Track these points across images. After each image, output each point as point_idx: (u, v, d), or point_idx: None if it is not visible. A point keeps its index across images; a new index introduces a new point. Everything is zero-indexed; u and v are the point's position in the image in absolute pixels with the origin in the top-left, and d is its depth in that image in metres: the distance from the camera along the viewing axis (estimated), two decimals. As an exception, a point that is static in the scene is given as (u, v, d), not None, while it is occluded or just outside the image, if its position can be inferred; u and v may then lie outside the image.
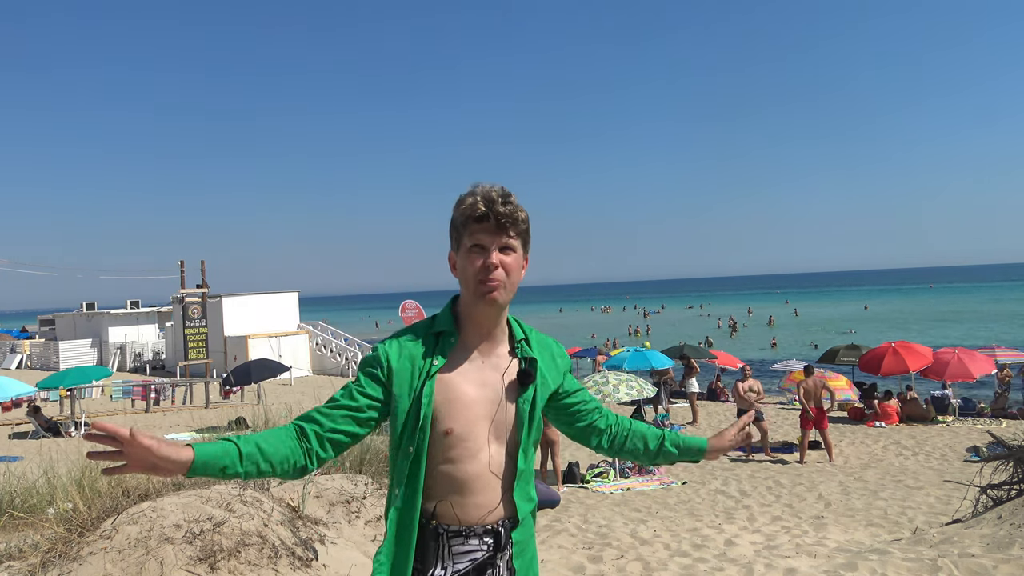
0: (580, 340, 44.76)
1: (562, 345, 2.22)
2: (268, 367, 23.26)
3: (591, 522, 8.84)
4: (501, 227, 1.91)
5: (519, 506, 2.00)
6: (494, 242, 1.91)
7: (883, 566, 5.12)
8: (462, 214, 1.92)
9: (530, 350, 2.06)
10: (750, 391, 14.74)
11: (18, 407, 23.36)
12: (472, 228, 1.91)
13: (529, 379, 2.00)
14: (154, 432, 18.10)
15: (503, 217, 1.90)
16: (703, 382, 23.55)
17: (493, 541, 1.96)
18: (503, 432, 1.98)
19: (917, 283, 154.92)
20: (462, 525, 1.94)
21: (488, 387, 1.98)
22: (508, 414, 1.98)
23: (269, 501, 4.68)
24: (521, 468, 2.00)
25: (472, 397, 1.95)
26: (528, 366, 2.02)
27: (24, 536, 4.72)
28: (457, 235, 1.96)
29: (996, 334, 42.53)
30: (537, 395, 2.03)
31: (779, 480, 12.11)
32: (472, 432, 1.94)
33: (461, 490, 1.94)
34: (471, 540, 1.95)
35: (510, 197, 1.93)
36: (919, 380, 20.32)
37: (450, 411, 1.93)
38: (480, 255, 1.91)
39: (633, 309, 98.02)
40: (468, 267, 1.92)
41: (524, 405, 2.00)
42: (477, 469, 1.95)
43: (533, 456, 2.08)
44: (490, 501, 1.96)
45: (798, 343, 45.51)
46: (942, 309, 74.29)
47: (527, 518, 2.04)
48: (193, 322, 34.59)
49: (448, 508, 1.94)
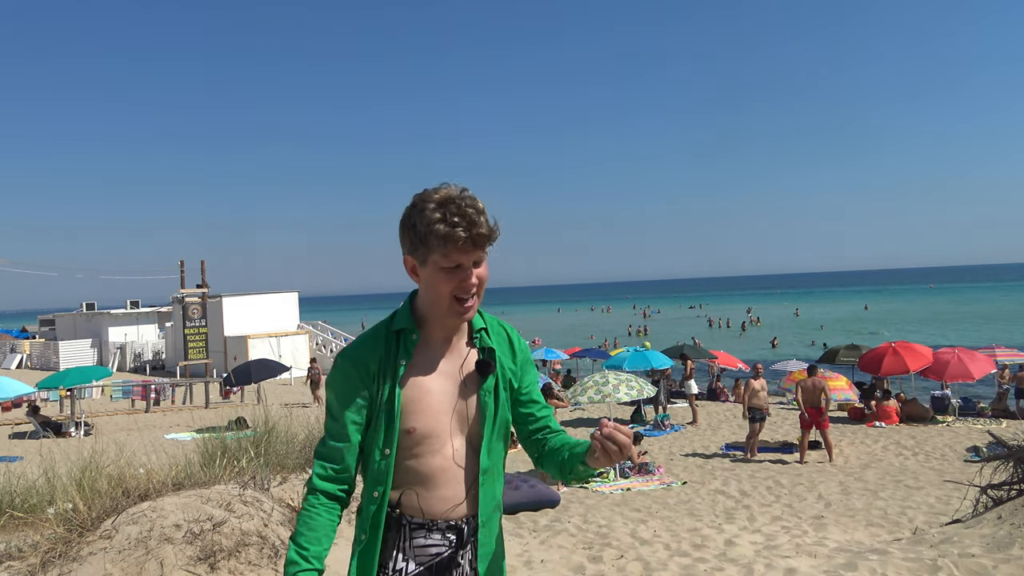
0: (580, 340, 44.74)
1: (523, 339, 2.16)
2: (268, 367, 23.28)
3: (591, 522, 8.84)
4: (479, 247, 1.85)
5: (482, 505, 1.96)
6: (471, 260, 1.86)
7: (883, 566, 5.12)
8: (435, 234, 1.80)
9: (489, 340, 2.02)
10: (761, 390, 14.65)
11: (18, 407, 23.36)
12: (448, 250, 1.82)
13: (488, 369, 1.97)
14: (154, 432, 18.12)
15: (482, 240, 1.84)
16: (703, 382, 23.57)
17: (455, 537, 1.95)
18: (465, 424, 1.97)
19: (917, 283, 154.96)
20: (425, 518, 1.94)
21: (449, 380, 1.96)
22: (470, 406, 1.97)
23: (269, 501, 4.68)
24: (484, 464, 1.97)
25: (435, 392, 1.95)
26: (487, 356, 1.98)
27: (24, 536, 4.72)
28: (424, 249, 1.84)
29: (996, 334, 42.54)
30: (499, 384, 2.00)
31: (779, 480, 12.11)
32: (435, 428, 1.93)
33: (425, 482, 1.93)
34: (433, 534, 1.94)
35: (478, 204, 1.84)
36: (919, 380, 20.32)
37: (414, 409, 1.92)
38: (458, 275, 1.85)
39: (632, 309, 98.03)
40: (443, 286, 1.86)
41: (485, 397, 1.97)
42: (441, 463, 1.94)
43: (501, 454, 2.03)
44: (455, 495, 1.94)
45: (801, 343, 45.55)
46: (942, 309, 74.33)
47: (491, 520, 2.00)
48: (193, 322, 34.61)
49: (413, 499, 1.94)
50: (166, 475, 5.06)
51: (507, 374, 2.03)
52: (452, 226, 1.79)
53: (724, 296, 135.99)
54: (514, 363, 2.06)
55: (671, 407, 20.56)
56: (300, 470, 6.53)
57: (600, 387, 13.74)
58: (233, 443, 6.34)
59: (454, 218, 1.80)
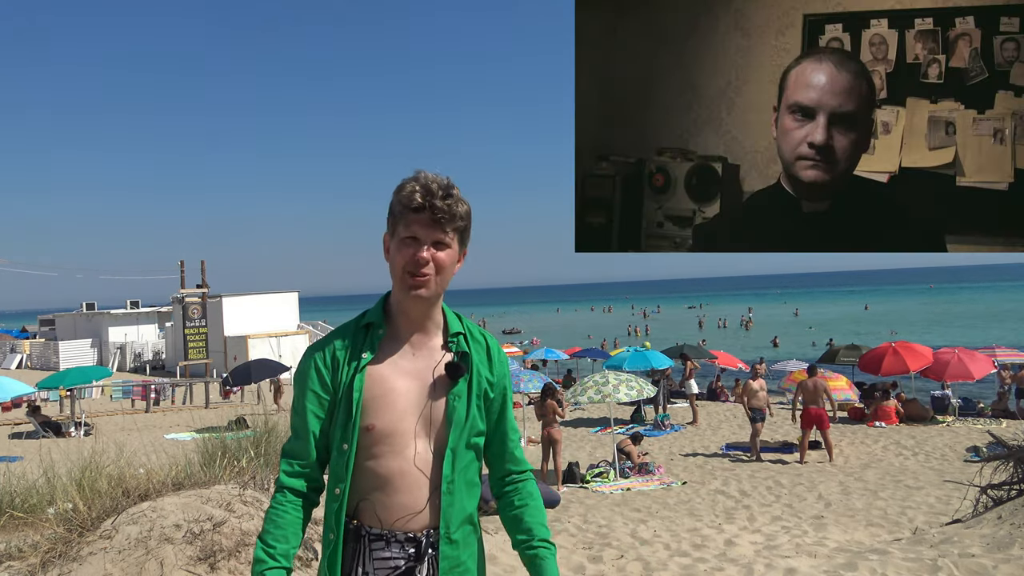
0: (580, 340, 44.73)
1: (503, 350, 2.09)
2: (268, 367, 23.27)
3: (591, 522, 8.84)
4: (437, 222, 1.85)
5: (444, 518, 1.87)
6: (428, 236, 1.85)
7: (883, 566, 5.11)
8: (399, 201, 1.86)
9: (465, 345, 1.97)
10: (760, 390, 14.65)
11: (18, 407, 23.34)
12: (409, 218, 1.85)
13: (459, 372, 1.91)
14: (154, 432, 18.10)
15: (440, 212, 1.84)
16: (703, 382, 23.56)
17: (414, 551, 1.86)
18: (430, 428, 1.90)
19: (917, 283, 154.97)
20: (383, 528, 1.87)
21: (417, 380, 1.92)
22: (436, 409, 1.90)
23: (269, 501, 4.68)
24: (447, 473, 1.88)
25: (399, 391, 1.90)
26: (460, 360, 1.94)
27: (24, 536, 4.72)
28: (393, 221, 1.89)
29: (996, 334, 42.53)
30: (472, 391, 1.94)
31: (779, 480, 12.11)
32: (398, 427, 1.88)
33: (384, 487, 1.87)
34: (392, 547, 1.86)
35: (452, 190, 1.86)
36: (919, 380, 20.32)
37: (376, 406, 1.88)
38: (412, 247, 1.85)
39: (631, 310, 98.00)
40: (398, 257, 1.87)
41: (454, 401, 1.91)
42: (402, 465, 1.87)
43: (471, 466, 1.94)
44: (414, 502, 1.87)
45: (798, 343, 45.54)
46: (942, 309, 74.32)
47: (463, 538, 1.90)
48: (193, 322, 34.61)
49: (370, 507, 1.87)
50: (166, 475, 5.06)
51: (482, 383, 1.97)
52: (413, 192, 1.84)
53: (724, 296, 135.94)
54: (491, 373, 2.00)
55: (671, 407, 20.55)
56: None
57: (600, 387, 13.72)
58: (233, 443, 6.33)
59: (418, 187, 1.85)
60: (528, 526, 1.99)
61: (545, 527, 2.01)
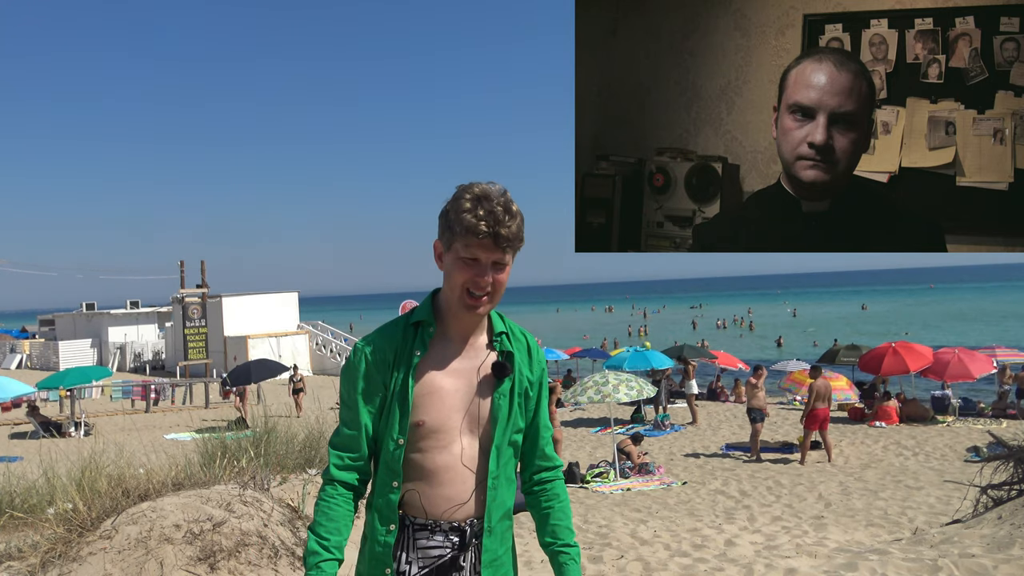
0: (580, 340, 44.73)
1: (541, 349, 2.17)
2: (268, 367, 23.24)
3: (591, 522, 8.84)
4: (500, 246, 1.88)
5: (488, 510, 1.95)
6: (489, 258, 1.88)
7: (883, 566, 5.11)
8: (461, 223, 1.86)
9: (509, 344, 2.03)
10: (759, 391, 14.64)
11: (18, 407, 23.34)
12: (470, 241, 1.86)
13: (504, 372, 1.98)
14: (153, 432, 18.11)
15: (504, 241, 1.87)
16: (703, 383, 23.55)
17: (458, 539, 1.94)
18: (476, 426, 1.97)
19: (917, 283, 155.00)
20: (428, 518, 1.93)
21: (463, 378, 1.97)
22: (483, 408, 1.97)
23: (269, 501, 4.68)
24: (493, 469, 1.96)
25: (448, 388, 1.95)
26: (504, 359, 2.00)
27: (24, 536, 4.72)
28: (450, 235, 1.90)
29: (996, 334, 42.53)
30: (515, 390, 2.00)
31: (779, 480, 12.11)
32: (445, 424, 1.94)
33: (430, 480, 1.93)
34: (436, 536, 1.94)
35: (511, 207, 1.88)
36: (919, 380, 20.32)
37: (425, 403, 1.93)
38: (473, 268, 1.88)
39: (631, 310, 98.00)
40: (457, 275, 1.89)
41: (500, 400, 1.97)
42: (448, 460, 1.94)
43: (512, 462, 2.03)
44: (459, 494, 1.94)
45: (798, 344, 45.57)
46: (942, 309, 74.32)
47: (501, 530, 1.99)
48: (193, 322, 34.59)
49: (415, 498, 1.94)
50: (166, 475, 5.07)
51: (524, 381, 2.03)
52: (478, 219, 1.84)
53: (724, 296, 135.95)
54: (531, 372, 2.06)
55: (671, 407, 20.55)
56: (300, 470, 6.52)
57: (600, 387, 13.72)
58: (233, 443, 6.34)
59: (481, 212, 1.84)
60: (553, 528, 2.07)
61: (570, 529, 2.09)
